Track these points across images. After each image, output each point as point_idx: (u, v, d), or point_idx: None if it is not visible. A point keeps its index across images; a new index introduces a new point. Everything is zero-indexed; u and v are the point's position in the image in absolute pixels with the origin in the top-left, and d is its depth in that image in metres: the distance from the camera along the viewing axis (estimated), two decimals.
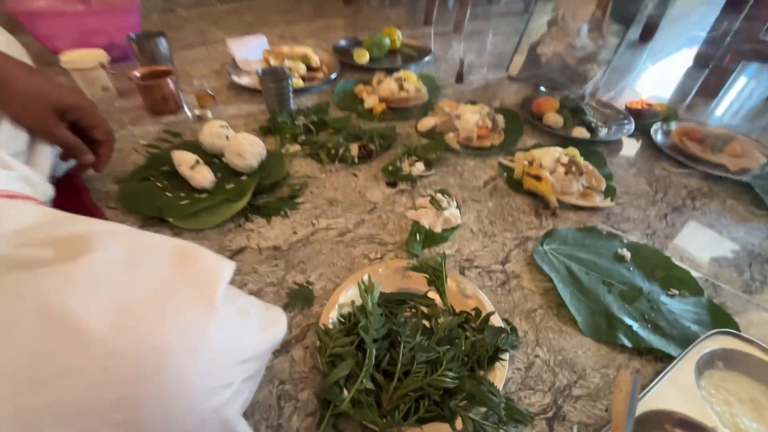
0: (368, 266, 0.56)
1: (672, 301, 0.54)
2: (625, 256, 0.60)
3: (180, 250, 0.32)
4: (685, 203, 0.73)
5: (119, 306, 0.26)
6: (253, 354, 0.32)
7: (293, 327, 0.49)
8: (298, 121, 0.87)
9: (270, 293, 0.53)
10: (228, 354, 0.29)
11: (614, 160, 0.84)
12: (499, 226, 0.66)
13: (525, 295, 0.55)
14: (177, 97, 0.93)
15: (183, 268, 0.31)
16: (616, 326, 0.50)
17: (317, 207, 0.68)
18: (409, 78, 0.98)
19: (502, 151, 0.84)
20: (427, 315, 0.50)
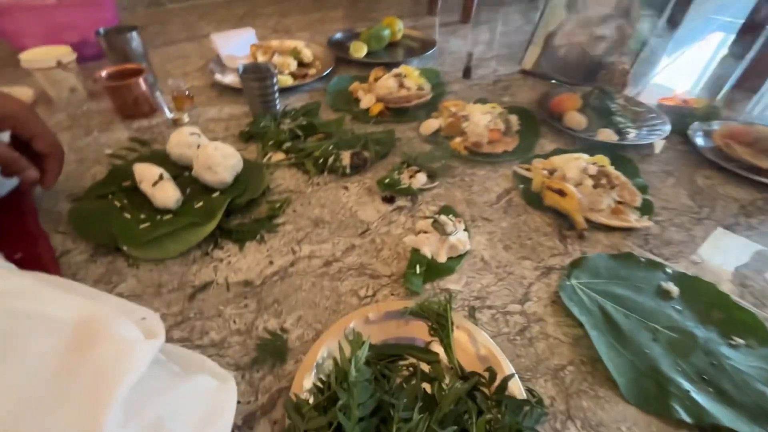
0: (356, 310, 0.45)
1: (737, 353, 0.43)
2: (671, 291, 0.49)
3: (83, 323, 0.23)
4: (738, 221, 0.61)
5: None
6: None
7: (260, 392, 0.39)
8: (283, 125, 0.77)
9: (235, 344, 0.43)
10: None
11: (647, 167, 0.73)
12: (516, 252, 0.55)
13: (550, 345, 0.44)
14: (151, 99, 0.83)
15: (67, 364, 0.21)
16: (669, 391, 0.40)
17: (300, 229, 0.57)
18: (409, 74, 0.87)
19: (517, 158, 0.73)
20: (429, 377, 0.40)
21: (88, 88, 0.90)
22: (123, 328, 0.24)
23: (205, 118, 0.83)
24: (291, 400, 0.36)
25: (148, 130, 0.79)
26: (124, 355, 0.22)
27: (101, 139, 0.76)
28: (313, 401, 0.36)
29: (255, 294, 0.48)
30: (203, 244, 0.54)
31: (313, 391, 0.37)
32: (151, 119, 0.83)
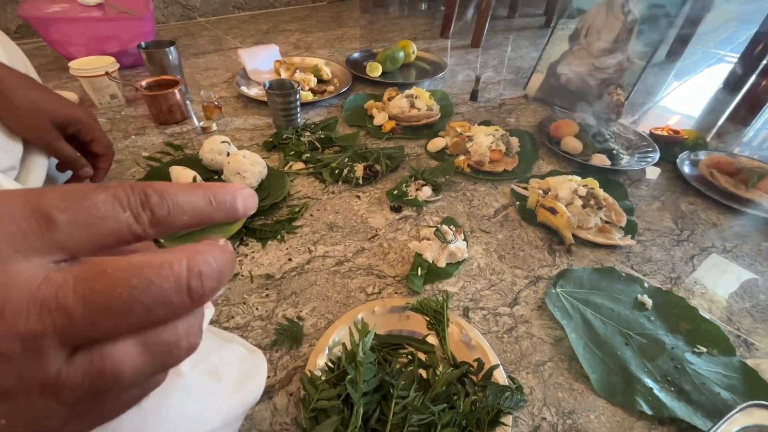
0: (364, 304, 0.52)
1: (699, 360, 0.49)
2: (646, 303, 0.55)
3: None
4: (714, 244, 0.67)
5: None
6: (222, 421, 0.28)
7: (279, 369, 0.46)
8: (303, 137, 0.85)
9: (257, 328, 0.50)
10: (192, 426, 0.26)
11: (636, 191, 0.79)
12: (509, 261, 0.61)
13: (534, 344, 0.50)
14: (184, 107, 0.91)
15: None
16: (635, 388, 0.45)
17: (316, 232, 0.64)
18: (420, 95, 0.94)
19: (516, 178, 0.79)
20: (425, 364, 0.46)
21: (127, 95, 0.98)
22: None
23: (231, 128, 0.91)
24: (306, 375, 0.42)
25: (179, 136, 0.87)
26: None
27: (138, 143, 0.84)
28: (325, 377, 0.42)
29: (275, 286, 0.55)
30: (230, 240, 0.61)
31: (324, 369, 0.44)
32: (182, 126, 0.91)
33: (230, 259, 0.15)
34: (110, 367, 0.12)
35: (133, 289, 0.12)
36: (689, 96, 1.23)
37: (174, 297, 0.12)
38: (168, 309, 0.13)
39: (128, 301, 0.12)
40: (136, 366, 0.13)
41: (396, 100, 0.93)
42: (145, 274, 0.12)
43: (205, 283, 0.13)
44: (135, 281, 0.12)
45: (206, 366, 0.28)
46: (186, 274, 0.13)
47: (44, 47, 1.25)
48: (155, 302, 0.12)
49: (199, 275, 0.13)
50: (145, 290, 0.12)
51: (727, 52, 1.62)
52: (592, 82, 1.00)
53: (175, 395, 0.25)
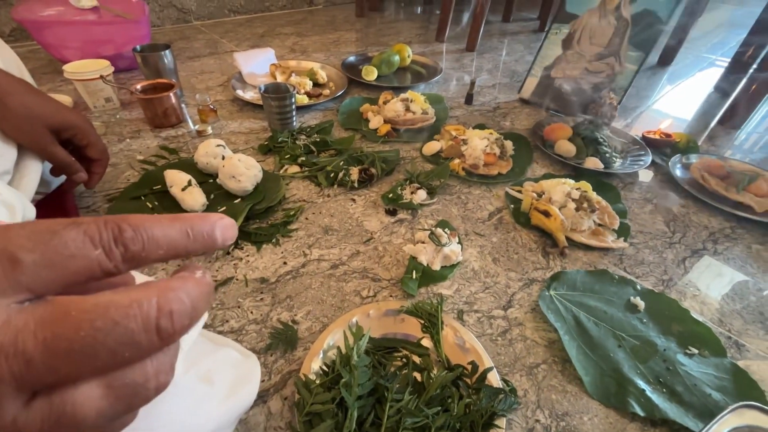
0: (358, 307, 0.52)
1: (690, 361, 0.49)
2: (638, 305, 0.56)
3: None
4: (705, 246, 0.68)
5: None
6: (214, 427, 0.28)
7: (273, 373, 0.46)
8: (299, 141, 0.85)
9: (252, 332, 0.50)
10: None
11: (629, 194, 0.80)
12: (503, 264, 0.62)
13: (528, 347, 0.50)
14: (179, 111, 0.91)
15: None
16: (627, 389, 0.45)
17: (311, 235, 0.64)
18: (416, 99, 0.95)
19: (510, 181, 0.80)
20: (420, 367, 0.46)
21: (122, 99, 0.98)
22: None
23: (227, 131, 0.91)
24: (300, 379, 0.42)
25: (174, 139, 0.87)
26: None
27: (132, 146, 0.83)
28: (320, 381, 0.42)
29: (270, 290, 0.55)
30: None
31: (319, 373, 0.44)
32: (178, 129, 0.90)
33: (206, 293, 0.14)
34: (71, 413, 0.11)
35: (98, 332, 0.11)
36: (681, 100, 1.25)
37: (141, 338, 0.12)
38: (135, 350, 0.12)
39: (92, 344, 0.11)
40: (98, 409, 0.12)
41: (391, 103, 0.93)
42: (111, 315, 0.11)
43: (176, 322, 0.13)
44: (99, 323, 0.11)
45: (199, 371, 0.28)
46: (155, 313, 0.12)
47: (38, 50, 1.24)
48: (120, 344, 0.12)
49: (169, 314, 0.12)
50: (110, 332, 0.11)
51: (717, 57, 1.64)
52: (585, 86, 1.01)
53: (165, 401, 0.25)
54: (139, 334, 0.12)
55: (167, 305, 0.12)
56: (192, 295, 0.13)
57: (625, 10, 0.93)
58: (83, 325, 0.11)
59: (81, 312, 0.11)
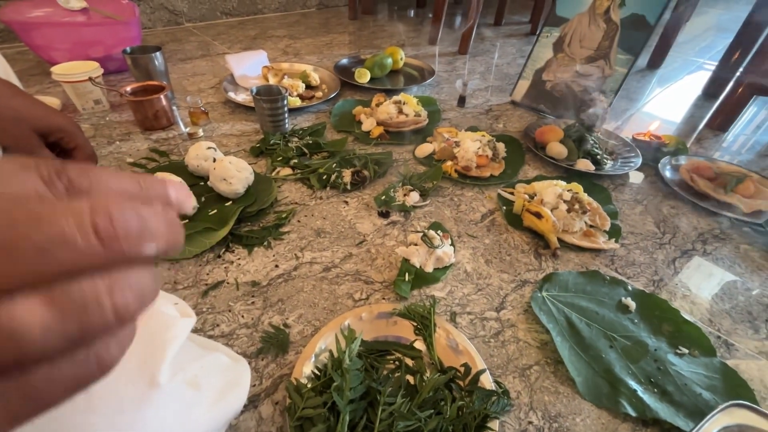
0: (351, 310, 0.51)
1: (681, 361, 0.50)
2: (629, 306, 0.56)
3: None
4: (694, 247, 0.68)
5: None
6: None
7: (264, 377, 0.45)
8: (291, 143, 0.85)
9: (243, 336, 0.49)
10: None
11: (619, 195, 0.80)
12: (496, 266, 0.62)
13: (520, 348, 0.50)
14: (170, 113, 0.90)
15: None
16: (619, 390, 0.46)
17: (303, 238, 0.64)
18: (408, 101, 0.95)
19: (502, 182, 0.80)
20: (412, 369, 0.46)
21: (111, 101, 0.97)
22: (165, 308, 0.30)
23: (218, 133, 0.90)
24: (292, 383, 0.42)
25: (165, 142, 0.86)
26: (170, 327, 0.28)
27: (122, 148, 0.82)
28: (311, 385, 0.42)
29: (262, 293, 0.54)
30: (216, 247, 0.60)
31: (310, 377, 0.43)
32: (168, 132, 0.90)
33: (160, 214, 0.12)
34: (6, 324, 0.10)
35: (18, 223, 0.10)
36: (670, 102, 1.27)
37: (76, 238, 0.10)
38: (72, 253, 0.10)
39: (14, 237, 0.10)
40: (43, 324, 0.10)
41: (384, 106, 0.93)
42: (34, 209, 0.10)
43: (116, 224, 0.11)
44: (20, 215, 0.10)
45: (186, 376, 0.28)
46: (88, 211, 0.11)
47: (26, 52, 1.22)
48: (50, 242, 0.10)
49: (107, 215, 0.11)
50: (34, 226, 0.10)
51: (705, 60, 1.67)
52: (576, 88, 1.02)
53: (152, 408, 0.24)
54: (72, 233, 0.10)
55: (104, 207, 0.11)
56: (140, 208, 0.12)
57: (614, 13, 0.94)
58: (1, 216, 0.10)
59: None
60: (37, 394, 0.11)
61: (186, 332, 0.29)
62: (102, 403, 0.23)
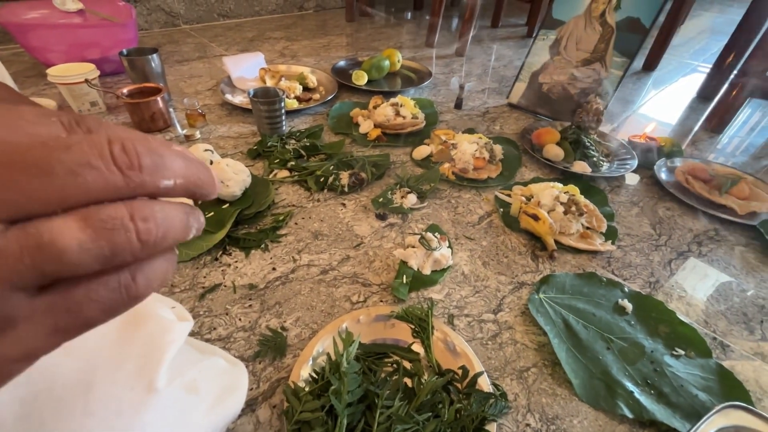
0: (348, 313, 0.51)
1: (677, 362, 0.50)
2: (626, 307, 0.56)
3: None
4: (690, 248, 0.69)
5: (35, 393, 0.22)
6: None
7: (262, 381, 0.45)
8: (288, 145, 0.84)
9: (240, 339, 0.49)
10: None
11: (615, 197, 0.81)
12: (493, 268, 0.62)
13: (518, 350, 0.50)
14: (167, 115, 0.90)
15: (126, 334, 0.27)
16: (616, 392, 0.46)
17: (300, 240, 0.64)
18: (406, 103, 0.95)
19: (499, 185, 0.80)
20: (410, 372, 0.46)
21: (108, 103, 0.97)
22: (162, 311, 0.30)
23: (215, 135, 0.90)
24: (289, 386, 0.42)
25: None
26: (168, 331, 0.28)
27: None
28: (309, 388, 0.42)
29: (259, 296, 0.54)
30: (213, 250, 0.60)
31: (308, 381, 0.43)
32: (165, 134, 0.89)
33: (173, 150, 0.14)
34: (49, 240, 0.11)
35: (52, 150, 0.11)
36: (665, 105, 1.28)
37: (99, 163, 0.12)
38: (95, 176, 0.11)
39: (46, 158, 0.11)
40: (79, 240, 0.11)
41: (381, 108, 0.94)
42: (63, 140, 0.12)
43: (130, 154, 0.12)
44: (52, 144, 0.11)
45: (184, 381, 0.27)
46: (105, 142, 0.12)
47: (21, 53, 1.22)
48: (79, 165, 0.11)
49: (121, 146, 0.12)
50: (65, 151, 0.11)
51: (700, 63, 1.68)
52: (572, 91, 1.03)
53: (150, 412, 0.24)
54: (96, 160, 0.12)
55: (117, 139, 0.12)
56: (156, 143, 0.13)
57: (610, 16, 0.95)
58: (34, 144, 0.11)
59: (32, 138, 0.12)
60: (78, 309, 0.12)
61: (183, 336, 0.29)
62: (100, 407, 0.23)
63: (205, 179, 0.15)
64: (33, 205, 0.11)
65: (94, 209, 0.12)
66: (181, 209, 0.14)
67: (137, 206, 0.12)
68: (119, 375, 0.25)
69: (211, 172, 0.15)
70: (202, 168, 0.15)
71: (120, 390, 0.24)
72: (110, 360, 0.25)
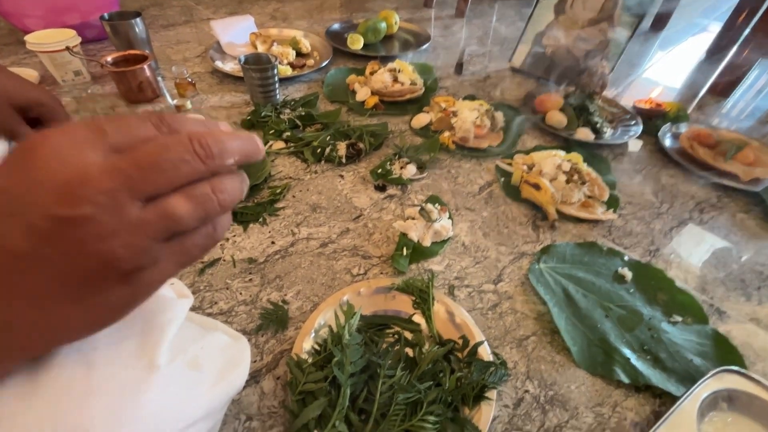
0: (349, 286, 0.51)
1: (674, 329, 0.51)
2: (626, 276, 0.56)
3: None
4: (692, 216, 0.68)
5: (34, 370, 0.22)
6: (204, 413, 0.28)
7: (265, 353, 0.45)
8: (283, 115, 0.82)
9: (242, 313, 0.49)
10: (170, 421, 0.25)
11: (618, 165, 0.79)
12: (493, 239, 0.61)
13: (517, 319, 0.51)
14: (155, 85, 0.86)
15: None
16: (613, 358, 0.47)
17: (299, 213, 0.63)
18: (404, 69, 0.91)
19: (501, 153, 0.79)
20: (411, 343, 0.46)
21: (92, 72, 0.92)
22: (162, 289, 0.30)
23: (207, 105, 0.87)
24: (292, 358, 0.42)
25: None
26: (168, 308, 0.28)
27: None
28: (312, 360, 0.42)
29: (259, 270, 0.54)
30: None
31: (311, 352, 0.44)
32: (155, 104, 0.86)
33: (231, 134, 0.21)
34: (171, 210, 0.18)
35: (160, 150, 0.18)
36: (672, 67, 1.23)
37: (188, 156, 0.18)
38: (189, 167, 0.18)
39: (159, 160, 0.18)
40: (187, 209, 0.19)
41: (379, 74, 0.90)
42: (162, 142, 0.18)
43: (204, 145, 0.19)
44: (159, 148, 0.18)
45: (186, 357, 0.27)
46: (187, 140, 0.19)
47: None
48: (178, 160, 0.18)
49: (198, 142, 0.19)
50: (165, 152, 0.18)
51: (710, 21, 1.61)
52: (577, 53, 0.99)
53: (152, 390, 0.24)
54: (185, 153, 0.18)
55: (195, 136, 0.19)
56: (218, 133, 0.20)
57: None
58: (149, 149, 0.18)
59: (146, 146, 0.18)
60: (189, 250, 0.21)
61: (184, 313, 0.29)
62: (101, 386, 0.23)
63: (253, 150, 0.21)
64: (157, 189, 0.18)
65: (191, 188, 0.19)
66: (239, 179, 0.21)
67: (216, 183, 0.20)
68: (119, 354, 0.24)
69: (256, 142, 0.22)
70: (251, 141, 0.21)
71: (121, 369, 0.24)
72: (109, 339, 0.25)
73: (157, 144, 0.18)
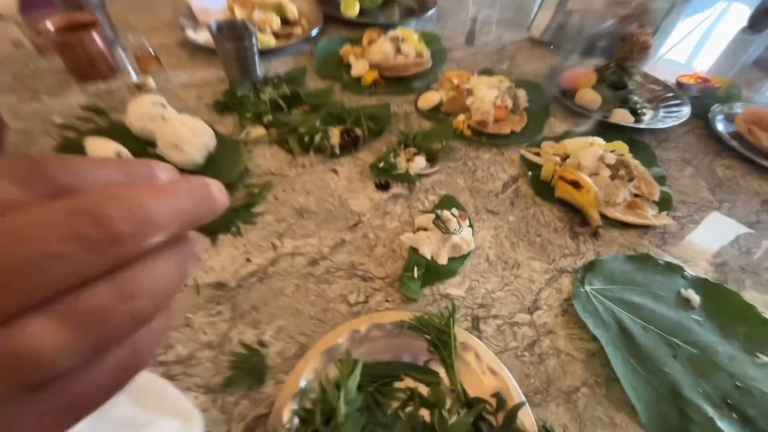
0: (346, 323, 0.40)
1: (762, 373, 0.40)
2: (692, 300, 0.45)
3: None
4: (759, 218, 0.57)
5: None
6: None
7: (234, 420, 0.34)
8: (264, 94, 0.68)
9: (205, 361, 0.37)
10: None
11: (663, 154, 0.67)
12: (524, 251, 0.50)
13: (562, 363, 0.40)
14: (110, 58, 0.72)
15: None
16: (690, 418, 0.36)
17: (282, 220, 0.51)
18: (408, 38, 0.77)
19: (525, 140, 0.66)
20: (428, 402, 0.35)
21: (37, 43, 0.77)
22: None
23: (174, 84, 0.73)
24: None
25: (107, 96, 0.69)
26: None
27: (51, 106, 0.65)
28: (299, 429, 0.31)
29: (229, 298, 0.42)
30: None
31: (295, 423, 0.32)
32: (111, 82, 0.72)
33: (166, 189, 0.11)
34: (24, 348, 0.09)
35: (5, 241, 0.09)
36: (708, 38, 1.08)
37: (62, 246, 0.09)
38: (66, 266, 0.09)
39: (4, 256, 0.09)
40: (59, 342, 0.10)
41: (378, 44, 0.76)
42: (14, 224, 0.09)
43: (101, 221, 0.10)
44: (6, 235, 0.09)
45: None
46: (65, 216, 0.10)
47: None
48: (39, 257, 0.09)
49: (91, 215, 0.10)
50: (17, 244, 0.09)
51: None
52: (612, 19, 0.84)
53: None
54: (61, 246, 0.09)
55: (85, 207, 0.10)
56: (138, 193, 0.10)
57: None
58: None
59: None
60: (79, 401, 0.11)
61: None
62: None
63: (206, 207, 0.12)
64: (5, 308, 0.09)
65: (71, 301, 0.10)
66: (174, 260, 0.12)
67: (121, 284, 0.11)
68: None
69: (211, 192, 0.13)
70: (202, 192, 0.12)
71: None
72: None
73: (9, 227, 0.09)
